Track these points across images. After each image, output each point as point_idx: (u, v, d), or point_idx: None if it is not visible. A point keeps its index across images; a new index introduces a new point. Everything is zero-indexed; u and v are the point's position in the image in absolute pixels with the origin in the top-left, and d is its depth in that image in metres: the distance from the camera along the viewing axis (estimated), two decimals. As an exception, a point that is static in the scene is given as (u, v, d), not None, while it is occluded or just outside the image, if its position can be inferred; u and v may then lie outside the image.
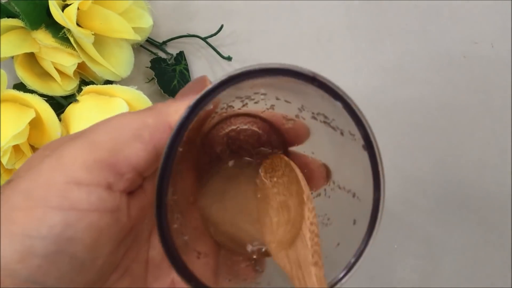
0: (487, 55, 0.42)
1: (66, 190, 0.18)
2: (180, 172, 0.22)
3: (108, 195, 0.18)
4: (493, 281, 0.37)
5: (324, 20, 0.42)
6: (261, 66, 0.18)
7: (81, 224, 0.18)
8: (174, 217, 0.20)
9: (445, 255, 0.38)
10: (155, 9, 0.40)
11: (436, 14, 0.43)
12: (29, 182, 0.18)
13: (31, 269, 0.17)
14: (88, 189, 0.18)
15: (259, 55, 0.41)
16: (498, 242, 0.38)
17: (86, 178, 0.18)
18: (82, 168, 0.18)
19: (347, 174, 0.21)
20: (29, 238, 0.17)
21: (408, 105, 0.40)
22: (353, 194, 0.20)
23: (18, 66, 0.34)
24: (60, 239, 0.17)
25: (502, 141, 0.40)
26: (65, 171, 0.18)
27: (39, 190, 0.18)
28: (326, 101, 0.18)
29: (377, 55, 0.42)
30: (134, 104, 0.33)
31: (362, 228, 0.18)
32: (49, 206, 0.17)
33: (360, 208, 0.19)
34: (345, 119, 0.18)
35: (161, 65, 0.39)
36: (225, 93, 0.18)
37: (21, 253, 0.17)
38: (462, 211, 0.39)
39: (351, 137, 0.19)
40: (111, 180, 0.19)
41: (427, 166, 0.39)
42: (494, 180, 0.39)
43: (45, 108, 0.31)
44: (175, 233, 0.18)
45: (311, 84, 0.18)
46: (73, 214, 0.18)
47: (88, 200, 0.18)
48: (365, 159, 0.18)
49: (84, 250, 0.18)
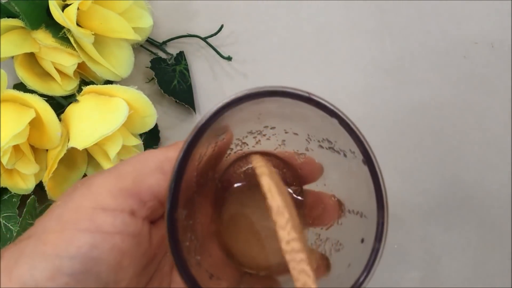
0: (487, 55, 0.42)
1: (93, 214, 0.20)
2: (199, 204, 0.23)
3: (131, 220, 0.20)
4: (493, 281, 0.37)
5: (324, 20, 0.42)
6: (261, 89, 0.19)
7: (106, 246, 0.19)
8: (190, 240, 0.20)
9: (445, 255, 0.38)
10: (155, 9, 0.40)
11: (436, 14, 0.43)
12: (61, 208, 0.20)
13: (59, 287, 0.18)
14: (113, 214, 0.20)
15: (259, 55, 0.41)
16: (498, 242, 0.38)
17: (111, 204, 0.20)
18: (108, 195, 0.20)
19: (355, 196, 0.22)
20: (59, 258, 0.19)
21: (408, 105, 0.40)
22: (361, 214, 0.21)
23: (18, 66, 0.34)
24: (86, 259, 0.19)
25: (502, 141, 0.40)
26: (93, 198, 0.20)
27: (69, 214, 0.20)
28: (325, 121, 0.19)
29: (377, 55, 0.42)
30: (134, 104, 0.33)
31: (369, 245, 0.19)
32: (78, 229, 0.19)
33: (367, 226, 0.19)
34: (344, 137, 0.19)
35: (161, 65, 0.39)
36: (232, 118, 0.19)
37: (51, 271, 0.18)
38: (462, 211, 0.39)
39: (352, 155, 0.20)
40: (135, 207, 0.21)
41: (427, 166, 0.39)
42: (494, 180, 0.39)
43: (45, 108, 0.31)
44: (187, 251, 0.19)
45: (307, 103, 0.19)
46: (99, 236, 0.19)
47: (113, 224, 0.20)
48: (366, 174, 0.19)
49: (108, 270, 0.19)
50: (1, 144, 0.29)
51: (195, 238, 0.21)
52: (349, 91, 0.41)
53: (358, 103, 0.41)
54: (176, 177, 0.18)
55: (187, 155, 0.18)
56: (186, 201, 0.20)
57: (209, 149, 0.22)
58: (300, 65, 0.41)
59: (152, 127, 0.35)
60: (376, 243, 0.19)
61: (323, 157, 0.24)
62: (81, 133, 0.32)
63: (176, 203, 0.18)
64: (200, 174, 0.22)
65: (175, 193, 0.18)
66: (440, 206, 0.39)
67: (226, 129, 0.22)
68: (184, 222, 0.20)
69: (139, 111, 0.34)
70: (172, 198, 0.18)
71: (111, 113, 0.32)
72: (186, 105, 0.38)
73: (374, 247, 0.19)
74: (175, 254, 0.18)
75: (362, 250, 0.19)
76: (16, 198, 0.33)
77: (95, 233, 0.19)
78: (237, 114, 0.20)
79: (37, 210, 0.34)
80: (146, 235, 0.21)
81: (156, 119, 0.35)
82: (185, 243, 0.19)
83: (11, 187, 0.33)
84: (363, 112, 0.40)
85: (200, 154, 0.21)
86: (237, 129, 0.23)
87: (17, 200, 0.33)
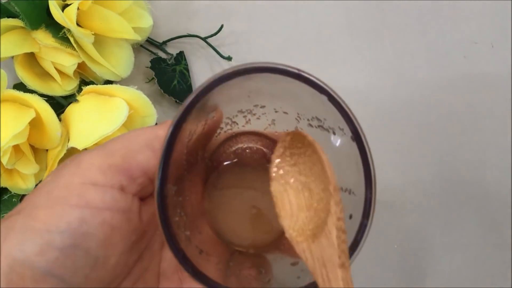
0: (487, 55, 0.42)
1: (83, 190, 0.20)
2: (189, 182, 0.23)
3: (121, 196, 0.20)
4: (493, 281, 0.37)
5: (324, 20, 0.42)
6: (250, 65, 0.19)
7: (95, 221, 0.19)
8: (180, 215, 0.20)
9: (445, 255, 0.38)
10: (155, 9, 0.40)
11: (436, 14, 0.43)
12: (51, 184, 0.20)
13: (48, 261, 0.18)
14: (103, 189, 0.20)
15: (259, 55, 0.41)
16: (498, 242, 0.38)
17: (101, 180, 0.20)
18: (98, 171, 0.20)
19: (344, 173, 0.22)
20: (48, 233, 0.19)
21: (408, 105, 0.40)
22: (350, 191, 0.21)
23: (18, 66, 0.34)
24: (76, 234, 0.19)
25: (502, 141, 0.40)
26: (83, 174, 0.20)
27: (59, 191, 0.20)
28: (315, 99, 0.19)
29: (377, 55, 0.42)
30: (134, 104, 0.33)
31: (357, 221, 0.19)
32: (68, 204, 0.19)
33: (355, 203, 0.19)
34: (333, 114, 0.19)
35: (161, 65, 0.39)
36: (222, 96, 0.19)
37: (40, 246, 0.18)
38: (462, 211, 0.39)
39: (341, 133, 0.20)
40: (124, 183, 0.21)
41: (427, 166, 0.39)
42: (494, 180, 0.39)
43: (45, 108, 0.31)
44: (176, 226, 0.19)
45: (297, 79, 0.19)
46: (89, 211, 0.19)
47: (103, 199, 0.20)
48: (356, 152, 0.19)
49: (98, 245, 0.19)
50: (1, 144, 0.29)
51: (185, 215, 0.21)
52: (349, 91, 0.41)
53: (358, 103, 0.40)
54: (166, 152, 0.18)
55: (176, 131, 0.18)
56: (177, 178, 0.20)
57: (199, 127, 0.22)
58: (300, 65, 0.41)
59: (152, 127, 0.35)
60: (363, 219, 0.19)
61: (312, 135, 0.23)
62: (81, 133, 0.32)
63: (165, 178, 0.18)
64: (190, 152, 0.22)
65: (164, 168, 0.18)
66: (440, 205, 0.39)
67: (216, 107, 0.22)
68: (174, 198, 0.20)
69: (139, 111, 0.34)
70: (162, 173, 0.18)
71: (111, 113, 0.32)
72: (186, 105, 0.38)
73: (361, 223, 0.19)
74: (164, 227, 0.18)
75: (350, 226, 0.19)
76: (16, 198, 0.33)
77: (85, 208, 0.19)
78: (227, 91, 0.20)
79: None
80: (135, 212, 0.21)
81: (156, 119, 0.35)
82: (175, 218, 0.19)
83: (11, 187, 0.33)
84: (363, 112, 0.40)
85: (190, 131, 0.21)
86: (228, 107, 0.22)
87: (17, 200, 0.33)
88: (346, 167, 0.21)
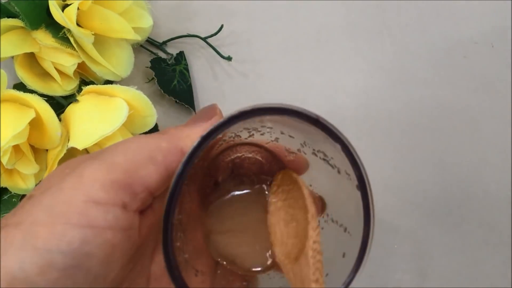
0: (487, 55, 0.42)
1: (85, 208, 0.19)
2: (186, 193, 0.23)
3: (123, 214, 0.20)
4: (493, 281, 0.37)
5: (324, 20, 0.42)
6: (270, 105, 0.19)
7: (97, 241, 0.19)
8: (178, 236, 0.21)
9: (445, 255, 0.38)
10: (155, 9, 0.40)
11: (436, 14, 0.43)
12: (51, 199, 0.20)
13: (49, 281, 0.18)
14: (105, 208, 0.20)
15: (259, 55, 0.41)
16: (498, 242, 0.38)
17: (103, 198, 0.20)
18: (101, 188, 0.20)
19: (341, 209, 0.23)
20: (49, 253, 0.18)
21: (408, 105, 0.40)
22: (345, 229, 0.22)
23: (18, 66, 0.34)
24: (77, 254, 0.19)
25: (502, 141, 0.40)
26: (85, 191, 0.20)
27: (60, 207, 0.19)
28: (327, 141, 0.20)
29: (377, 55, 0.42)
30: (134, 104, 0.33)
31: (351, 261, 0.19)
32: (69, 223, 0.19)
33: (350, 243, 0.20)
34: (342, 159, 0.20)
35: (161, 65, 0.39)
36: (235, 126, 0.20)
37: (41, 266, 0.18)
38: (462, 211, 0.39)
39: (347, 176, 0.20)
40: (127, 200, 0.20)
41: (427, 166, 0.39)
42: (494, 180, 0.39)
43: (45, 108, 0.31)
44: (177, 251, 0.19)
45: (314, 125, 0.19)
46: (90, 231, 0.19)
47: (105, 219, 0.19)
48: (358, 198, 0.19)
49: (98, 265, 0.19)
50: (1, 144, 0.29)
51: (184, 235, 0.22)
52: (349, 91, 0.41)
53: (358, 103, 0.41)
54: (172, 193, 0.18)
55: (186, 168, 0.18)
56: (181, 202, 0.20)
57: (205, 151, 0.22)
58: (300, 65, 0.41)
59: (152, 127, 0.35)
60: (357, 262, 0.19)
61: (314, 163, 0.24)
62: (81, 133, 0.32)
63: (174, 210, 0.18)
64: (193, 168, 0.22)
65: (173, 199, 0.18)
66: (440, 206, 0.39)
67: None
68: (176, 222, 0.20)
69: (139, 111, 0.34)
70: (170, 207, 0.18)
71: (111, 113, 0.32)
72: (186, 105, 0.38)
73: (354, 266, 0.19)
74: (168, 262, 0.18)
75: (343, 264, 0.20)
76: (16, 198, 0.33)
77: (87, 228, 0.19)
78: (241, 125, 0.20)
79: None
80: (136, 228, 0.21)
81: (156, 119, 0.35)
82: (176, 243, 0.20)
83: (11, 187, 0.33)
84: (363, 112, 0.40)
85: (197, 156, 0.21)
86: (235, 125, 0.23)
87: (17, 200, 0.33)
88: (344, 204, 0.22)
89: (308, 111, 0.19)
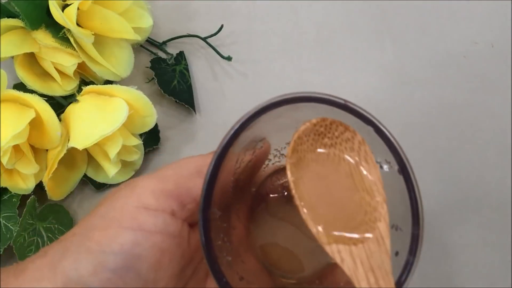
0: (487, 55, 0.42)
1: (136, 213, 0.21)
2: (235, 211, 0.24)
3: (172, 220, 0.21)
4: (493, 281, 0.37)
5: (324, 20, 0.42)
6: (295, 94, 0.19)
7: (147, 244, 0.20)
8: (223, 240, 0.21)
9: (444, 255, 0.38)
10: (155, 9, 0.40)
11: (436, 14, 0.43)
12: (106, 206, 0.21)
13: (101, 281, 0.19)
14: (155, 213, 0.21)
15: (259, 55, 0.41)
16: (498, 242, 0.38)
17: (153, 204, 0.21)
18: (151, 195, 0.21)
19: (391, 208, 0.21)
20: (102, 253, 0.19)
21: (408, 105, 0.40)
22: (396, 227, 0.20)
23: (18, 66, 0.34)
24: (128, 256, 0.20)
25: (502, 141, 0.40)
26: (137, 198, 0.21)
27: (113, 213, 0.21)
28: (361, 130, 0.19)
29: (377, 55, 0.42)
30: (134, 104, 0.33)
31: (403, 258, 0.18)
32: (121, 226, 0.20)
33: (402, 239, 0.19)
34: (379, 146, 0.19)
35: (161, 65, 0.39)
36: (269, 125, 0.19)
37: (94, 266, 0.19)
38: (462, 211, 0.39)
39: (388, 166, 0.20)
40: (175, 208, 0.22)
41: (427, 166, 0.39)
42: (494, 180, 0.39)
43: (45, 108, 0.31)
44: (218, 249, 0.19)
45: (343, 110, 0.19)
46: (141, 234, 0.20)
47: (155, 223, 0.21)
48: (402, 184, 0.19)
49: (148, 268, 0.20)
50: (1, 144, 0.29)
51: (228, 241, 0.21)
52: (349, 91, 0.41)
53: (357, 103, 0.40)
54: (211, 175, 0.19)
55: (222, 155, 0.19)
56: (222, 204, 0.20)
57: (247, 155, 0.22)
58: (300, 65, 0.41)
59: (152, 127, 0.35)
60: (409, 256, 0.18)
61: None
62: (81, 133, 0.32)
63: (209, 199, 0.18)
64: (237, 181, 0.22)
65: (208, 189, 0.18)
66: (440, 205, 0.39)
67: (263, 138, 0.22)
68: (218, 222, 0.20)
69: (139, 111, 0.34)
70: (206, 194, 0.18)
71: (111, 113, 0.32)
72: (186, 105, 0.38)
73: (407, 261, 0.18)
74: (205, 247, 0.18)
75: (395, 263, 0.19)
76: (16, 198, 0.33)
77: (138, 231, 0.20)
78: (274, 120, 0.20)
79: (37, 210, 0.34)
80: (185, 237, 0.22)
81: (156, 119, 0.35)
82: (217, 242, 0.20)
83: (11, 187, 0.33)
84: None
85: (238, 159, 0.21)
86: (276, 138, 0.23)
87: (17, 200, 0.33)
88: (392, 201, 0.20)
89: (336, 96, 0.19)
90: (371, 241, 0.18)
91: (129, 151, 0.34)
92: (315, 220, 0.19)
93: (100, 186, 0.36)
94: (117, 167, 0.34)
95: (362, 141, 0.20)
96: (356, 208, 0.20)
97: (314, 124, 0.20)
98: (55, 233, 0.34)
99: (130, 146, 0.34)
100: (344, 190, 0.20)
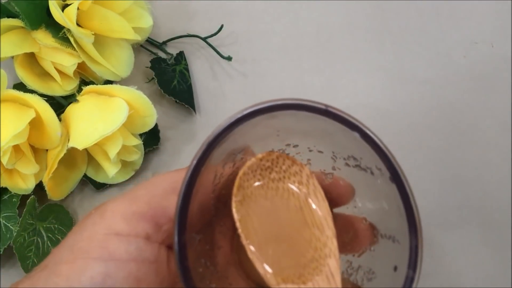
0: (487, 55, 0.42)
1: (106, 241, 0.19)
2: (219, 229, 0.22)
3: (147, 245, 0.19)
4: (493, 281, 0.37)
5: (324, 20, 0.42)
6: (273, 102, 0.17)
7: (120, 274, 0.18)
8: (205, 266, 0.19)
9: (445, 255, 0.38)
10: (155, 9, 0.40)
11: (436, 14, 0.43)
12: (74, 237, 0.20)
13: None
14: (127, 239, 0.19)
15: (259, 55, 0.41)
16: (498, 242, 0.38)
17: (125, 229, 0.19)
18: (121, 219, 0.19)
19: (386, 218, 0.20)
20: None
21: (408, 105, 0.40)
22: (393, 239, 0.19)
23: (18, 66, 0.34)
24: None
25: (502, 141, 0.40)
26: (106, 224, 0.19)
27: (81, 243, 0.19)
28: (347, 136, 0.18)
29: (377, 55, 0.42)
30: (134, 104, 0.33)
31: (403, 273, 0.17)
32: (90, 257, 0.18)
33: (399, 252, 0.18)
34: (368, 152, 0.18)
35: (161, 65, 0.39)
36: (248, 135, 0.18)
37: None
38: (462, 211, 0.39)
39: (379, 172, 0.18)
40: (150, 231, 0.19)
41: (427, 166, 0.39)
42: (494, 180, 0.39)
43: (45, 108, 0.31)
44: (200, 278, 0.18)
45: (325, 116, 0.17)
46: (113, 264, 0.18)
47: (127, 250, 0.19)
48: (395, 192, 0.17)
49: None
50: (1, 144, 0.29)
51: (212, 265, 0.20)
52: (349, 91, 0.41)
53: (357, 103, 0.40)
54: (184, 196, 0.17)
55: (195, 173, 0.17)
56: (202, 224, 0.19)
57: (227, 169, 0.20)
58: (300, 65, 0.41)
59: (152, 127, 0.35)
60: (409, 270, 0.17)
61: (351, 176, 0.22)
62: (81, 133, 0.32)
63: (184, 223, 0.17)
64: (219, 196, 0.20)
65: (182, 213, 0.17)
66: (440, 205, 0.39)
67: (244, 148, 0.20)
68: (198, 247, 0.19)
69: (139, 111, 0.34)
70: (180, 218, 0.17)
71: (111, 113, 0.32)
72: (186, 105, 0.38)
73: (407, 276, 0.17)
74: (184, 280, 0.16)
75: (395, 279, 0.17)
76: (16, 198, 0.33)
77: (108, 261, 0.18)
78: (252, 130, 0.18)
79: (37, 210, 0.34)
80: (163, 262, 0.20)
81: (156, 119, 0.35)
82: (198, 269, 0.18)
83: (11, 187, 0.33)
84: (363, 112, 0.40)
85: (216, 174, 0.19)
86: (256, 147, 0.21)
87: (17, 200, 0.33)
88: (387, 211, 0.19)
89: (316, 102, 0.18)
90: (320, 279, 0.18)
91: (129, 151, 0.34)
92: (264, 258, 0.19)
93: (100, 186, 0.36)
94: (117, 167, 0.34)
95: (310, 175, 0.20)
96: (306, 244, 0.19)
97: (260, 159, 0.20)
98: (55, 233, 0.34)
99: (130, 146, 0.34)
100: (294, 226, 0.20)
